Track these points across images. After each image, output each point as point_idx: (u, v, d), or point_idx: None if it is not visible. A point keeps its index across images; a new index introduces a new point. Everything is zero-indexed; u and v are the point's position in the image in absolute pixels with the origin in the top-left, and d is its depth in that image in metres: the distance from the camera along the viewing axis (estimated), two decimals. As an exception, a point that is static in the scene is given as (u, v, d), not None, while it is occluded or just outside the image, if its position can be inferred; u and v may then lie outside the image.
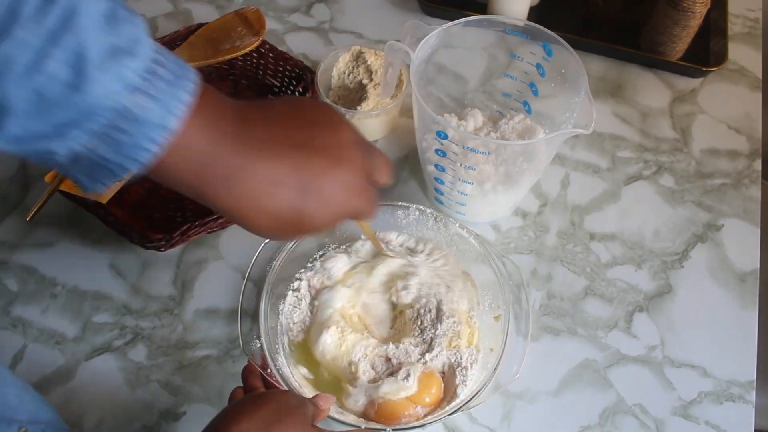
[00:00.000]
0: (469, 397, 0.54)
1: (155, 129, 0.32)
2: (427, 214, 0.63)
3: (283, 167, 0.37)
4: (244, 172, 0.35)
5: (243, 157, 0.35)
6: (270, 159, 0.36)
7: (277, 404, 0.43)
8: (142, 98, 0.31)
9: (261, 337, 0.55)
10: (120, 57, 0.31)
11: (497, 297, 0.59)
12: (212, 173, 0.35)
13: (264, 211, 0.37)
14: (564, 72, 0.64)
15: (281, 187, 0.37)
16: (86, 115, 0.31)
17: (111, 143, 0.32)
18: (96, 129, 0.31)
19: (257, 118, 0.37)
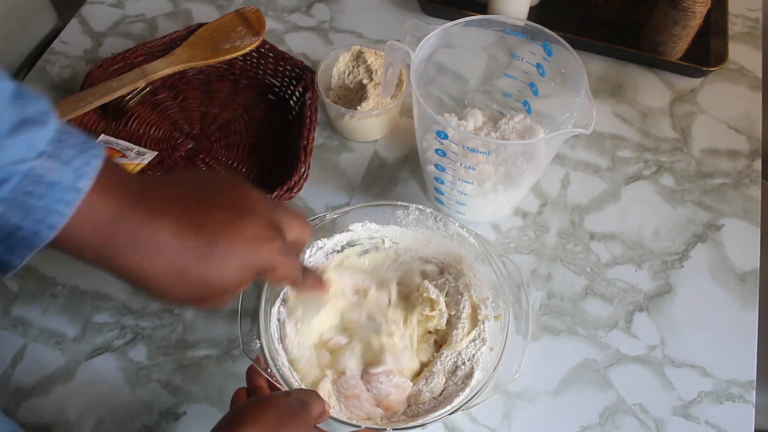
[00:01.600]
0: (469, 397, 0.54)
1: (67, 191, 0.33)
2: (426, 214, 0.63)
3: (185, 222, 0.37)
4: (147, 230, 0.36)
5: (146, 215, 0.36)
6: (172, 216, 0.37)
7: (280, 408, 0.43)
8: (53, 163, 0.33)
9: (261, 338, 0.55)
10: (28, 127, 0.32)
11: (497, 297, 0.59)
12: (118, 234, 0.35)
13: (171, 270, 0.37)
14: (564, 72, 0.64)
15: (185, 241, 0.37)
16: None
17: (23, 209, 0.32)
18: (7, 196, 0.32)
19: (159, 182, 0.39)
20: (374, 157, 0.78)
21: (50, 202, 0.33)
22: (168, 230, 0.37)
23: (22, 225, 0.33)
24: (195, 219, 0.38)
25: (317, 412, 0.46)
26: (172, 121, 0.79)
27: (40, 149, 0.33)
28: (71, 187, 0.33)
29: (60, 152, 0.33)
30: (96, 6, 0.93)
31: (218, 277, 0.39)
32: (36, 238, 0.33)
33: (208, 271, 0.38)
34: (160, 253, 0.37)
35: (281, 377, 0.53)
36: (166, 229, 0.37)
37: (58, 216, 0.33)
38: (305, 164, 0.69)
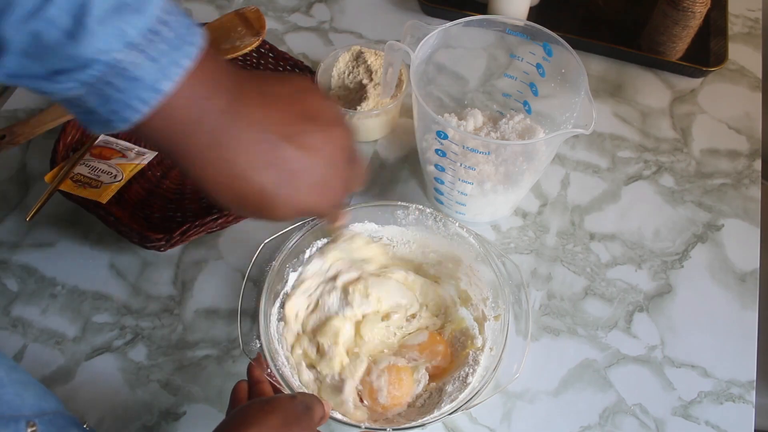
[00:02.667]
0: (469, 397, 0.54)
1: (147, 90, 0.32)
2: (426, 214, 0.63)
3: (265, 153, 0.36)
4: (224, 147, 0.35)
5: (228, 133, 0.35)
6: (255, 141, 0.36)
7: (285, 412, 0.43)
8: (140, 57, 0.31)
9: (260, 338, 0.55)
10: (124, 13, 0.31)
11: (497, 297, 0.59)
12: (194, 141, 0.35)
13: (233, 188, 0.37)
14: (564, 72, 0.64)
15: (257, 171, 0.36)
16: (80, 66, 0.31)
17: (101, 97, 0.32)
18: (88, 80, 0.31)
19: (253, 96, 0.37)
20: (374, 157, 0.78)
21: (128, 97, 0.32)
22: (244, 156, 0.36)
23: (98, 110, 0.32)
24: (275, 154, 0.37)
25: (319, 415, 0.46)
26: (172, 121, 0.79)
27: (130, 40, 0.31)
28: (152, 86, 0.32)
29: (151, 46, 0.31)
30: (96, 6, 0.93)
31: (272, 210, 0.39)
32: (109, 124, 0.33)
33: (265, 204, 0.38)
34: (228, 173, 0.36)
35: (281, 377, 0.53)
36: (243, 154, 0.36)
37: (132, 112, 0.32)
38: (305, 164, 0.69)
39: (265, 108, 0.37)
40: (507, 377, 0.55)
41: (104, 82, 0.31)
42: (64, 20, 0.30)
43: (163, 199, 0.73)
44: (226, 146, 0.35)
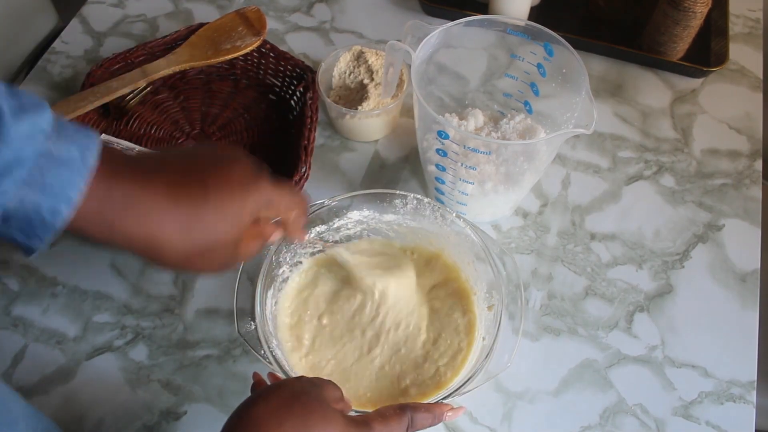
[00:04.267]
0: (461, 383, 0.54)
1: (76, 167, 0.35)
2: (424, 204, 0.63)
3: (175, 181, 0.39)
4: (140, 192, 0.38)
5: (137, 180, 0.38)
6: (162, 178, 0.39)
7: (292, 388, 0.43)
8: (59, 142, 0.34)
9: (255, 320, 0.55)
10: (30, 111, 0.34)
11: (491, 288, 0.60)
12: (113, 201, 0.37)
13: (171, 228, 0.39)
14: (565, 72, 0.64)
15: (178, 198, 0.39)
16: (12, 165, 0.33)
17: (40, 188, 0.34)
18: (25, 176, 0.33)
19: (147, 155, 0.41)
20: (375, 157, 0.78)
21: (65, 178, 0.34)
22: (160, 190, 0.38)
23: (42, 205, 0.34)
24: (182, 173, 0.40)
25: (333, 395, 0.45)
26: (172, 120, 0.79)
27: (46, 129, 0.34)
28: (80, 162, 0.35)
29: (62, 133, 0.35)
30: (97, 6, 0.93)
31: (215, 223, 0.41)
32: (56, 216, 0.35)
33: (203, 220, 0.40)
34: (153, 210, 0.38)
35: (274, 359, 0.53)
36: (158, 189, 0.38)
37: (74, 191, 0.35)
38: (306, 164, 0.69)
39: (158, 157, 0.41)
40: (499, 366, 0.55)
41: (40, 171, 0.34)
42: None
43: (164, 199, 0.73)
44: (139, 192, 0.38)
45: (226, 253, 0.43)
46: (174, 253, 0.40)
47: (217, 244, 0.41)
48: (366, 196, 0.64)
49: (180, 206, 0.39)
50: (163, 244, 0.39)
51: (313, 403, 0.42)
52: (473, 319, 0.62)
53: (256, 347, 0.54)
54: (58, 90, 0.83)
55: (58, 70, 0.85)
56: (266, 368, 0.54)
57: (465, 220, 0.62)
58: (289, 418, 0.40)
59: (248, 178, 0.43)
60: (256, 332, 0.55)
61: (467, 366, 0.58)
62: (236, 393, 0.61)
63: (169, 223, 0.39)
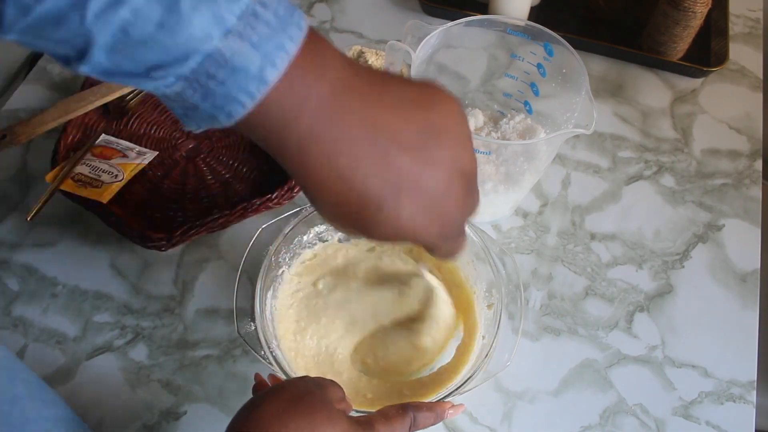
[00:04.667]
0: (461, 382, 0.54)
1: (252, 81, 0.28)
2: None
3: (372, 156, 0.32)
4: (325, 141, 0.31)
5: (330, 125, 0.31)
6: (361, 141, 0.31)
7: (297, 389, 0.42)
8: (241, 44, 0.28)
9: (255, 320, 0.55)
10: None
11: (491, 286, 0.60)
12: (293, 133, 0.31)
13: (332, 190, 0.32)
14: (565, 72, 0.64)
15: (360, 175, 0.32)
16: (176, 60, 0.27)
17: (202, 92, 0.29)
18: (187, 74, 0.28)
19: (364, 91, 0.32)
20: (375, 157, 0.78)
21: (232, 89, 0.28)
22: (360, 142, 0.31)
23: (200, 106, 0.29)
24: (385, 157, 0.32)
25: (336, 395, 0.45)
26: (172, 120, 0.79)
27: (229, 26, 0.27)
28: (257, 75, 0.28)
29: (252, 31, 0.28)
30: (97, 6, 0.93)
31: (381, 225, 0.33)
32: (213, 120, 0.30)
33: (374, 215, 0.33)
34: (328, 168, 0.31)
35: (274, 359, 0.53)
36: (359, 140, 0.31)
37: (238, 106, 0.29)
38: (306, 164, 0.69)
39: (378, 107, 0.32)
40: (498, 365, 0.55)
41: (205, 75, 0.28)
42: (153, 9, 0.26)
43: (164, 199, 0.73)
44: (328, 140, 0.31)
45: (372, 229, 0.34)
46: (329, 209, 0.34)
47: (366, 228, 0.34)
48: None
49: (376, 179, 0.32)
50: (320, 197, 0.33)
51: (318, 404, 0.41)
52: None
53: (256, 348, 0.54)
54: (58, 90, 0.83)
55: (58, 70, 0.85)
56: (266, 368, 0.54)
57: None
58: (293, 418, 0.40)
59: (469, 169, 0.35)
60: (256, 333, 0.55)
61: (467, 365, 0.58)
62: (236, 393, 0.61)
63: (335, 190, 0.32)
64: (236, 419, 0.41)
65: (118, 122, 0.78)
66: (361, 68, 0.33)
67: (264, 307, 0.57)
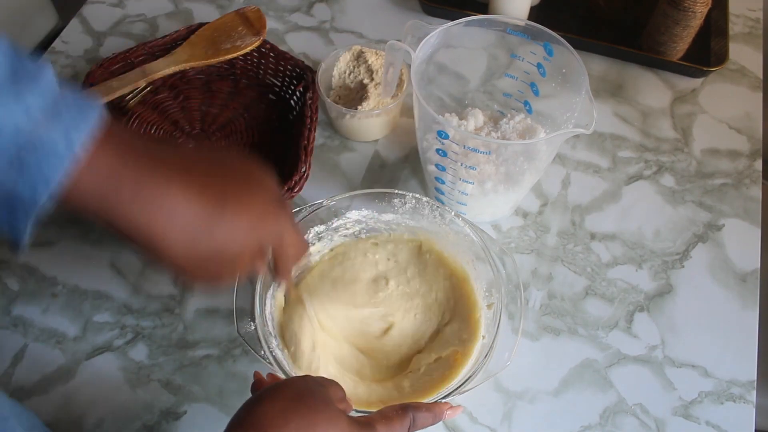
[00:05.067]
0: (461, 382, 0.54)
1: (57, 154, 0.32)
2: (423, 203, 0.63)
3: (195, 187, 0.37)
4: (154, 188, 0.36)
5: (153, 174, 0.36)
6: (181, 180, 0.37)
7: (298, 388, 0.42)
8: (45, 124, 0.32)
9: (255, 320, 0.55)
10: (22, 81, 0.31)
11: (490, 286, 0.60)
12: (119, 189, 0.35)
13: (179, 231, 0.37)
14: (565, 72, 0.64)
15: (193, 205, 0.37)
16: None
17: (15, 172, 0.32)
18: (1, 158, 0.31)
19: (169, 147, 0.38)
20: (375, 157, 0.78)
21: (44, 165, 0.32)
22: (176, 192, 0.37)
23: (18, 190, 0.32)
24: (204, 178, 0.38)
25: (337, 394, 0.45)
26: (172, 120, 0.79)
27: (35, 107, 0.31)
28: (65, 149, 0.32)
29: (55, 111, 0.32)
30: (97, 6, 0.93)
31: (225, 240, 0.39)
32: (33, 203, 0.33)
33: (216, 232, 0.39)
34: (165, 204, 0.36)
35: (274, 359, 0.53)
36: (174, 191, 0.36)
37: (53, 181, 0.32)
38: (306, 164, 0.69)
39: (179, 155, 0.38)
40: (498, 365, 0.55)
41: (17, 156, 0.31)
42: None
43: (164, 199, 0.73)
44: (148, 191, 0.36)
45: (224, 268, 0.42)
46: (173, 254, 0.38)
47: (219, 257, 0.40)
48: (365, 195, 0.64)
49: (194, 210, 0.37)
50: (166, 244, 0.38)
51: (319, 404, 0.41)
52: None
53: (256, 348, 0.54)
54: (58, 90, 0.83)
55: (58, 69, 0.85)
56: (266, 368, 0.54)
57: (464, 219, 0.62)
58: (294, 417, 0.40)
59: (270, 205, 0.42)
60: (256, 332, 0.55)
61: (467, 365, 0.58)
62: (236, 393, 0.61)
63: (178, 224, 0.37)
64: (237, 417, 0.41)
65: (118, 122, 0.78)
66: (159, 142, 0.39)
67: (264, 307, 0.57)
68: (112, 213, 0.35)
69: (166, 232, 0.37)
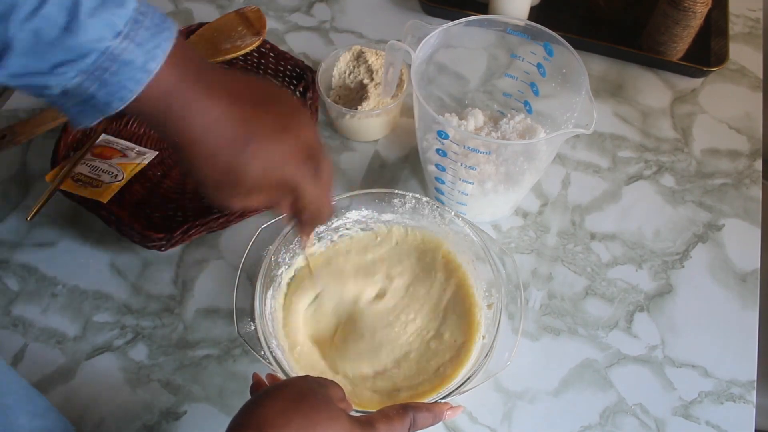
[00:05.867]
0: (461, 382, 0.54)
1: (138, 71, 0.37)
2: (423, 203, 0.63)
3: (232, 113, 0.41)
4: (197, 104, 0.39)
5: (201, 93, 0.40)
6: (222, 103, 0.40)
7: (298, 387, 0.42)
8: (128, 44, 0.36)
9: (255, 320, 0.55)
10: (109, 6, 0.35)
11: (491, 286, 0.60)
12: (174, 103, 0.39)
13: (205, 146, 0.40)
14: (565, 72, 0.64)
15: (225, 130, 0.40)
16: (78, 56, 0.35)
17: (99, 82, 0.36)
18: (86, 69, 0.35)
19: (223, 73, 0.42)
20: (375, 157, 0.78)
21: (123, 78, 0.36)
22: (215, 113, 0.40)
23: (96, 95, 0.36)
24: (242, 114, 0.41)
25: (337, 394, 0.45)
26: (172, 120, 0.79)
27: (118, 29, 0.36)
28: (142, 67, 0.37)
29: (135, 33, 0.36)
30: (97, 6, 0.93)
31: (242, 169, 0.42)
32: (107, 107, 0.37)
33: (236, 160, 0.41)
34: (201, 128, 0.40)
35: (274, 359, 0.53)
36: (214, 111, 0.40)
37: (128, 92, 0.37)
38: (306, 164, 0.69)
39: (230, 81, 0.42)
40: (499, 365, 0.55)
41: (101, 68, 0.36)
42: (61, 16, 0.34)
43: (164, 199, 0.73)
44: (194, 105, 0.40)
45: (241, 189, 0.43)
46: (199, 165, 0.41)
47: (239, 176, 0.42)
48: (364, 195, 0.64)
49: (220, 139, 0.40)
50: (195, 152, 0.41)
51: (320, 403, 0.41)
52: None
53: (256, 348, 0.54)
54: (58, 90, 0.83)
55: (58, 70, 0.85)
56: (266, 368, 0.54)
57: (464, 219, 0.62)
58: (296, 417, 0.40)
59: (303, 151, 0.44)
60: (255, 333, 0.55)
61: (467, 365, 0.58)
62: (236, 393, 0.61)
63: (211, 138, 0.40)
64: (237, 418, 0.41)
65: (118, 122, 0.78)
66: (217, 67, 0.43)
67: (264, 307, 0.57)
68: (164, 120, 0.40)
69: (199, 143, 0.40)
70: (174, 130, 0.40)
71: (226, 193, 0.43)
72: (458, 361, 0.59)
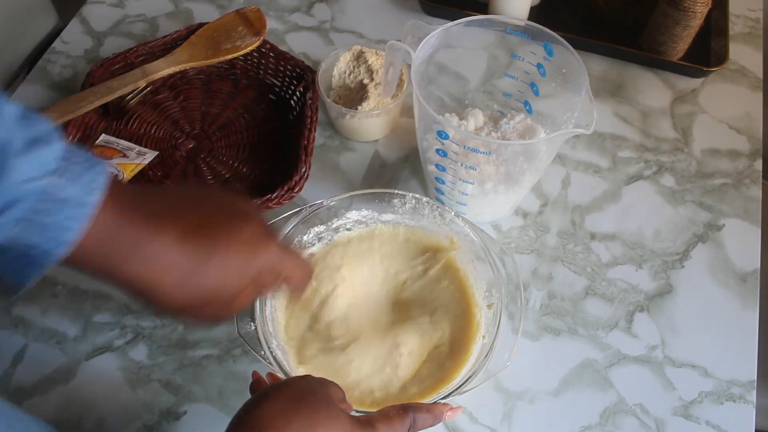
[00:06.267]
0: (461, 382, 0.54)
1: (77, 207, 0.35)
2: (423, 203, 0.63)
3: (184, 228, 0.39)
4: (147, 236, 0.38)
5: (147, 222, 0.38)
6: (171, 222, 0.39)
7: (299, 386, 0.43)
8: (62, 180, 0.34)
9: (255, 320, 0.55)
10: (39, 146, 0.34)
11: (491, 286, 0.60)
12: (120, 243, 0.37)
13: (171, 275, 0.38)
14: (565, 72, 0.64)
15: (184, 246, 0.39)
16: (12, 201, 0.33)
17: (35, 227, 0.34)
18: (20, 216, 0.33)
19: (158, 193, 0.41)
20: (375, 157, 0.78)
21: (62, 218, 0.34)
22: (167, 235, 0.38)
23: (36, 244, 0.34)
24: (193, 224, 0.40)
25: (337, 394, 0.45)
26: (172, 120, 0.80)
27: (51, 167, 0.34)
28: (81, 202, 0.35)
29: (67, 169, 0.35)
30: (97, 6, 0.93)
31: (218, 279, 0.40)
32: (48, 256, 0.35)
33: (207, 274, 0.40)
34: (159, 259, 0.38)
35: (274, 359, 0.53)
36: (166, 235, 0.38)
37: (70, 232, 0.35)
38: (306, 164, 0.69)
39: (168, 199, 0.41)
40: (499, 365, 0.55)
41: (37, 211, 0.34)
42: None
43: (164, 199, 0.73)
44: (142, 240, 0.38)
45: (221, 308, 0.43)
46: (170, 301, 0.40)
47: (214, 298, 0.41)
48: (364, 195, 0.64)
49: (186, 258, 0.39)
50: (161, 292, 0.39)
51: (320, 403, 0.42)
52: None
53: (256, 348, 0.54)
54: (58, 90, 0.83)
55: (58, 70, 0.85)
56: (266, 368, 0.54)
57: (464, 219, 0.62)
58: (295, 417, 0.40)
59: (258, 238, 0.43)
60: (256, 332, 0.55)
61: (467, 365, 0.58)
62: (236, 393, 0.61)
63: (173, 272, 0.39)
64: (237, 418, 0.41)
65: (119, 122, 0.78)
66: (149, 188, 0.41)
67: (264, 307, 0.57)
68: (110, 269, 0.38)
69: (162, 283, 0.39)
70: (130, 270, 0.38)
71: (212, 309, 0.42)
72: (458, 361, 0.59)
